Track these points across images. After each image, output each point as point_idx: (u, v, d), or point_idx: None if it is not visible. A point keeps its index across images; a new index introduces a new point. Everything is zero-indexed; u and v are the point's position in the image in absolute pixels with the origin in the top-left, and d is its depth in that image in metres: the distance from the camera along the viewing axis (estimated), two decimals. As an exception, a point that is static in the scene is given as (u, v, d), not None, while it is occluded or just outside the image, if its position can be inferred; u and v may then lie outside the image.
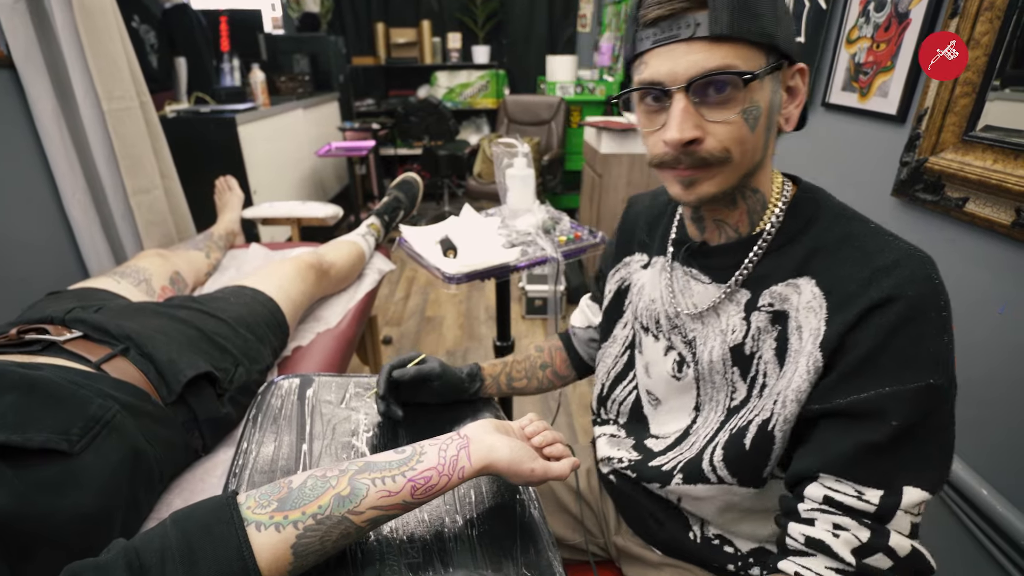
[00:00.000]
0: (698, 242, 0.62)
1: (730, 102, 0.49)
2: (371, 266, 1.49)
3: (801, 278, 0.54)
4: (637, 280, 0.72)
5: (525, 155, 1.29)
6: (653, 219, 0.72)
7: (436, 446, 0.57)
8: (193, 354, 0.80)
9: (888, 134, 1.22)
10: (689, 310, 0.63)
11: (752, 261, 0.57)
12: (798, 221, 0.56)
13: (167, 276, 1.15)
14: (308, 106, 3.27)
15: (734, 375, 0.59)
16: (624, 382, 0.75)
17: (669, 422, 0.68)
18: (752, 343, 0.57)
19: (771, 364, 0.56)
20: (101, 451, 0.62)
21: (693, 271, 0.63)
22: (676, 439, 0.67)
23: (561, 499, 0.84)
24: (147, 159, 1.54)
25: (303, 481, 0.52)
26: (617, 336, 0.75)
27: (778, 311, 0.55)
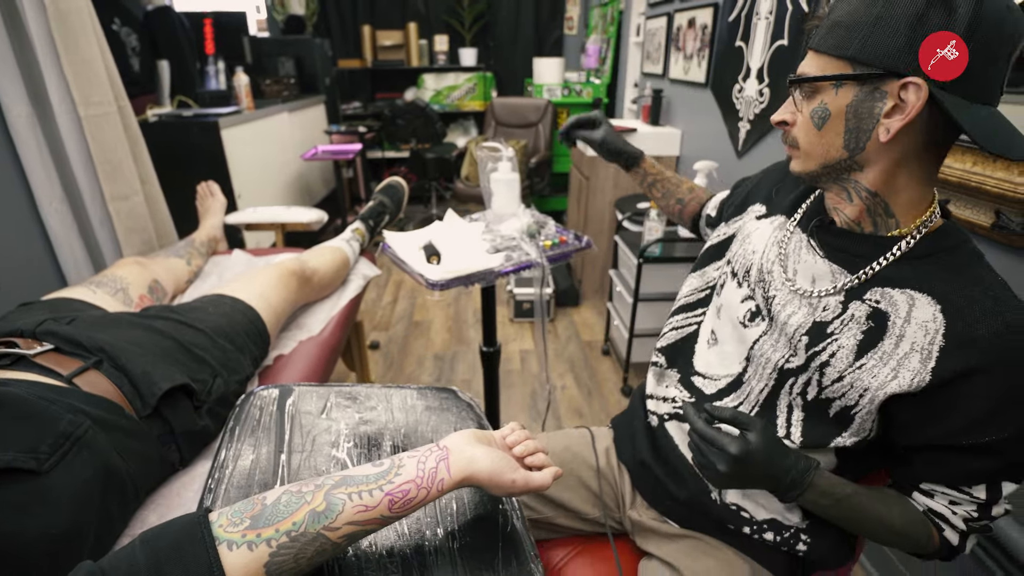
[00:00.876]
0: (828, 220, 0.66)
1: (810, 100, 0.59)
2: (356, 272, 1.48)
3: (921, 294, 0.57)
4: (748, 229, 0.77)
5: (510, 159, 1.28)
6: (787, 183, 0.77)
7: (415, 458, 0.57)
8: (169, 366, 0.79)
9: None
10: (789, 274, 0.67)
11: (885, 261, 0.60)
12: (933, 244, 0.59)
13: (145, 285, 1.13)
14: (293, 109, 3.24)
15: (801, 343, 0.64)
16: (687, 314, 0.83)
17: (718, 364, 0.74)
18: (838, 326, 0.61)
19: (846, 350, 0.60)
20: (71, 468, 0.61)
21: (812, 243, 0.66)
22: (729, 384, 0.73)
23: (581, 475, 0.89)
24: (126, 165, 1.52)
25: (277, 497, 0.51)
26: (707, 273, 0.82)
27: (881, 311, 0.59)
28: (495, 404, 1.40)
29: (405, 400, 0.83)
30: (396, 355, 2.33)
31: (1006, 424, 0.55)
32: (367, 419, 0.78)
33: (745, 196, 0.84)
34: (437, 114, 3.48)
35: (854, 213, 0.62)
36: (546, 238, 1.24)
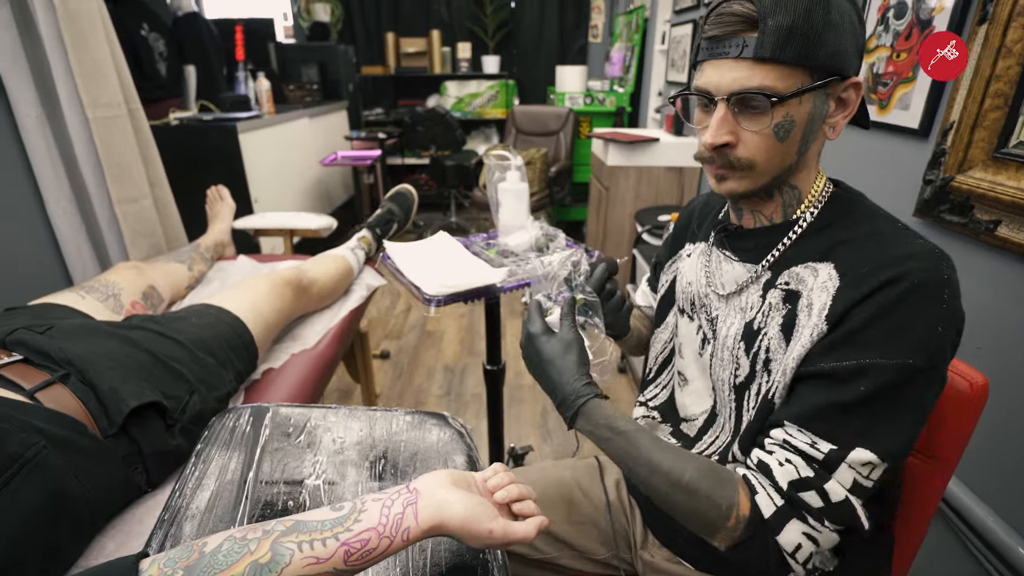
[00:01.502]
0: (734, 225, 0.67)
1: (763, 116, 0.55)
2: (359, 282, 1.43)
3: (822, 263, 0.57)
4: (681, 267, 0.78)
5: (519, 168, 1.22)
6: (706, 211, 0.78)
7: (380, 502, 0.50)
8: (140, 381, 0.74)
9: (910, 149, 1.13)
10: (718, 289, 0.68)
11: (783, 245, 0.61)
12: (831, 215, 0.60)
13: (140, 291, 1.10)
14: (315, 115, 3.24)
15: (739, 350, 0.63)
16: (669, 367, 0.80)
17: (695, 403, 0.72)
18: (761, 318, 0.61)
19: (775, 340, 0.59)
20: (17, 494, 0.56)
21: (726, 252, 0.67)
22: (705, 420, 0.70)
23: (589, 511, 0.83)
24: (135, 168, 1.50)
25: (218, 545, 0.45)
26: (668, 323, 0.80)
27: (792, 291, 0.59)
28: (499, 425, 1.33)
29: (390, 425, 0.78)
30: (406, 365, 2.28)
31: (868, 347, 0.51)
32: (345, 446, 0.72)
33: (672, 241, 0.83)
34: (457, 121, 3.46)
35: (770, 210, 0.63)
36: (554, 252, 1.17)
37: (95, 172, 1.44)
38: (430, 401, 2.04)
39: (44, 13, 1.27)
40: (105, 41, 1.39)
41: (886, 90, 1.22)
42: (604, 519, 0.81)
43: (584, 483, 0.85)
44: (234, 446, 0.70)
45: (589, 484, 0.85)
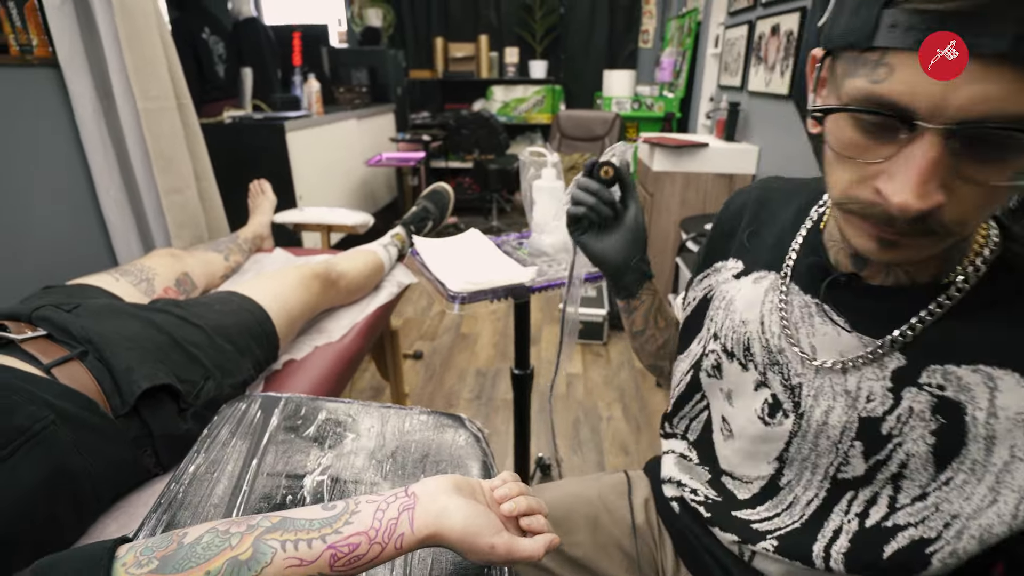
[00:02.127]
0: (846, 274, 0.48)
1: (1006, 162, 0.33)
2: (390, 278, 1.41)
3: (1005, 371, 0.40)
4: (725, 292, 0.60)
5: (555, 165, 1.17)
6: (767, 219, 0.58)
7: (374, 504, 0.46)
8: (156, 363, 0.73)
9: None
10: (805, 352, 0.50)
11: (925, 321, 0.43)
12: (1008, 279, 0.41)
13: (174, 277, 1.11)
14: (363, 117, 3.30)
15: (852, 449, 0.48)
16: (691, 403, 0.65)
17: (744, 464, 0.58)
18: (896, 425, 0.45)
19: (920, 461, 0.44)
20: (18, 467, 0.55)
21: (825, 307, 0.49)
22: (763, 489, 0.57)
23: (614, 533, 0.74)
24: (181, 160, 1.54)
25: (199, 536, 0.42)
26: (692, 351, 0.64)
27: (950, 400, 0.42)
28: (526, 431, 1.28)
29: (403, 424, 0.74)
30: (438, 367, 2.25)
31: None
32: (354, 443, 0.69)
33: (706, 250, 0.65)
34: (502, 125, 3.44)
35: (923, 267, 0.44)
36: (589, 253, 1.12)
37: (144, 163, 1.48)
38: (460, 404, 2.00)
39: (103, 9, 1.32)
40: (158, 37, 1.43)
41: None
42: (630, 543, 0.73)
43: (611, 502, 0.77)
44: (241, 434, 0.67)
45: (615, 502, 0.77)
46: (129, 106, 1.42)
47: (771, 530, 0.55)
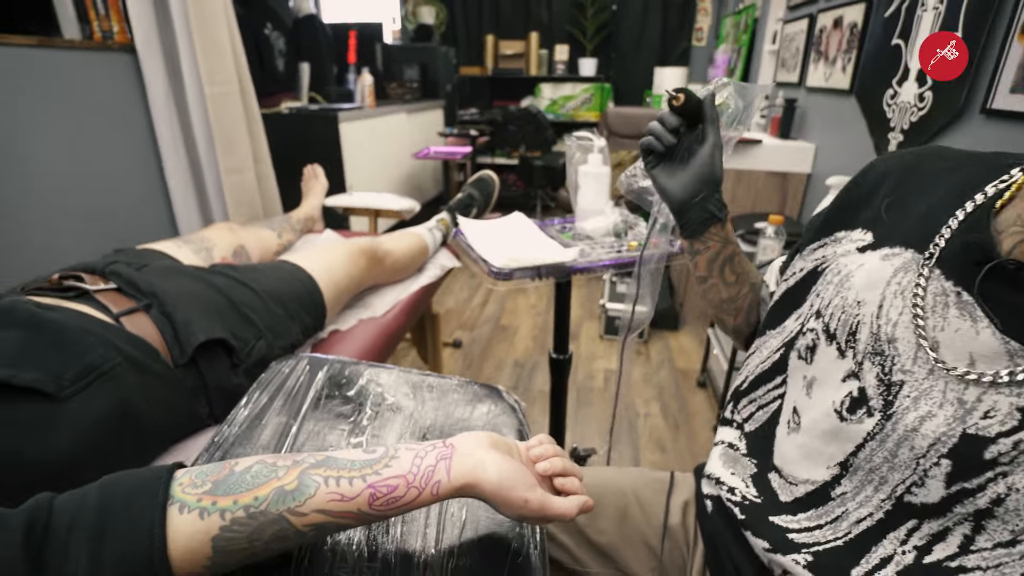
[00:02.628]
0: (1017, 262, 0.40)
1: None
2: (434, 261, 1.44)
3: None
4: (843, 266, 0.52)
5: (601, 150, 1.17)
6: (916, 190, 0.51)
7: (413, 452, 0.47)
8: (213, 320, 0.78)
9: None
10: (930, 347, 0.43)
11: None
12: None
13: (231, 249, 1.16)
14: (412, 111, 3.37)
15: (934, 468, 0.42)
16: (768, 385, 0.59)
17: (799, 461, 0.53)
18: (1009, 452, 0.38)
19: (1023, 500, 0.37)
20: (90, 400, 0.60)
21: (970, 299, 0.42)
22: (809, 495, 0.52)
23: (645, 530, 0.70)
24: (241, 141, 1.62)
25: (248, 466, 0.44)
26: (786, 328, 0.58)
27: None
28: (561, 417, 1.28)
29: (442, 391, 0.75)
30: (477, 356, 2.28)
31: None
32: (393, 406, 0.71)
33: (827, 216, 0.59)
34: (548, 121, 3.45)
35: None
36: (634, 239, 1.11)
37: (207, 143, 1.56)
38: (496, 393, 2.02)
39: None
40: (225, 24, 1.51)
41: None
42: (658, 541, 0.69)
43: (645, 497, 0.73)
44: (288, 389, 0.70)
45: (651, 499, 0.73)
46: (196, 89, 1.50)
47: (808, 543, 0.50)
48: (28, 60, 1.21)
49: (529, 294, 2.93)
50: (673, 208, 0.65)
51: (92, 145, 1.36)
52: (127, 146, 1.47)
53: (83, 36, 1.37)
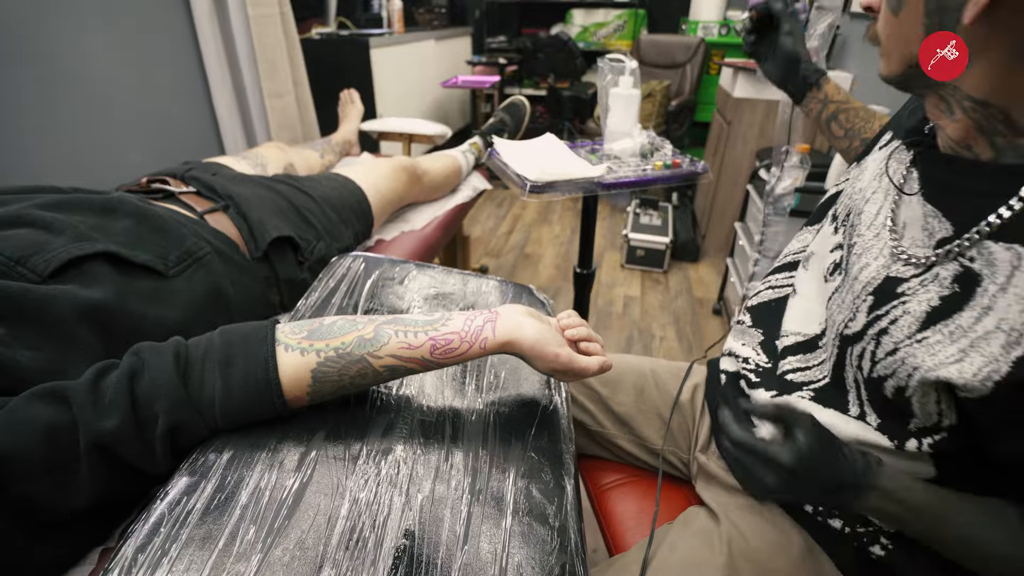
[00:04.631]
0: (930, 139, 0.52)
1: None
2: (467, 182, 1.52)
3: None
4: (866, 161, 0.63)
5: (632, 72, 1.20)
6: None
7: (465, 315, 0.58)
8: (281, 220, 0.88)
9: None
10: (878, 214, 0.54)
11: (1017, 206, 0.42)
12: None
13: (282, 166, 1.26)
14: (441, 38, 3.33)
15: (862, 304, 0.52)
16: (789, 272, 0.71)
17: (797, 320, 0.64)
18: (913, 286, 0.48)
19: (910, 318, 0.47)
20: (191, 280, 0.71)
21: (913, 172, 0.53)
22: (799, 343, 0.62)
23: (658, 404, 0.83)
24: (282, 66, 1.67)
25: (334, 320, 0.55)
26: (823, 227, 0.67)
27: (973, 272, 0.44)
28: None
29: (480, 285, 0.85)
30: (502, 282, 2.39)
31: None
32: (440, 292, 0.81)
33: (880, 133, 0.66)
34: (579, 49, 3.36)
35: (958, 133, 0.46)
36: (659, 159, 1.16)
37: (251, 67, 1.62)
38: (521, 315, 2.14)
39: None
40: (265, -58, 1.53)
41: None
42: (669, 413, 0.82)
43: (662, 378, 0.86)
44: (348, 281, 0.81)
45: (666, 380, 0.86)
46: (240, 12, 1.55)
47: (804, 382, 0.60)
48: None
49: (553, 224, 3.00)
50: (775, 83, 0.83)
51: (141, 63, 1.44)
52: (175, 66, 1.54)
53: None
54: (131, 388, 0.47)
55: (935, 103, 0.48)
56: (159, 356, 0.49)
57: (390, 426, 0.56)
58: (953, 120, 0.47)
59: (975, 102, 0.44)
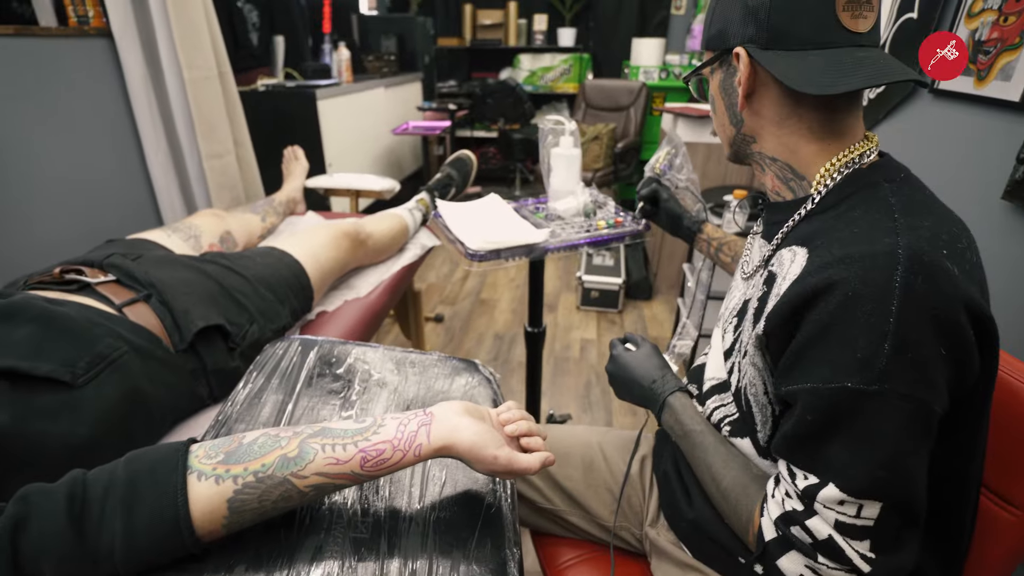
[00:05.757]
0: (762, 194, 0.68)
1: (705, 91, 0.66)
2: (415, 241, 1.50)
3: (802, 247, 0.53)
4: None
5: (572, 133, 1.23)
6: None
7: (398, 420, 0.55)
8: (209, 307, 0.84)
9: (1006, 125, 1.03)
10: (745, 266, 0.68)
11: (791, 223, 0.58)
12: (837, 194, 0.55)
13: (217, 235, 1.21)
14: (390, 85, 3.35)
15: (730, 325, 0.64)
16: None
17: (713, 366, 0.71)
18: (754, 301, 0.59)
19: (749, 323, 0.58)
20: (102, 387, 0.66)
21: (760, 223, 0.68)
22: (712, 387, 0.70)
23: (607, 479, 0.84)
24: (222, 126, 1.64)
25: (255, 438, 0.52)
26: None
27: (772, 272, 0.56)
28: (537, 387, 1.37)
29: (422, 366, 0.83)
30: (458, 330, 2.36)
31: (809, 371, 0.48)
32: (379, 380, 0.78)
33: None
34: (527, 94, 3.45)
35: (771, 183, 0.62)
36: (601, 218, 1.18)
37: (188, 129, 1.58)
38: (479, 365, 2.11)
39: (150, -21, 1.40)
40: (202, 7, 1.51)
41: (987, 59, 1.11)
42: (618, 489, 0.82)
43: (609, 451, 0.87)
44: (281, 371, 0.77)
45: (614, 453, 0.86)
46: (175, 75, 1.51)
47: (723, 417, 0.65)
48: (5, 50, 1.22)
49: (508, 269, 3.00)
50: (670, 233, 1.04)
51: (72, 134, 1.38)
52: (107, 134, 1.49)
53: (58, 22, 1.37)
54: (13, 543, 0.42)
55: (755, 166, 0.63)
56: (49, 500, 0.44)
57: (319, 549, 0.52)
58: (765, 176, 0.62)
59: (771, 159, 0.60)
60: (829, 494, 0.47)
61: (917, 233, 0.47)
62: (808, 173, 0.57)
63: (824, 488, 0.48)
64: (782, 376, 0.52)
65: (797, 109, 0.55)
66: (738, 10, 0.55)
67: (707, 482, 0.63)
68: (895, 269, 0.45)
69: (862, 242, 0.48)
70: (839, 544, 0.48)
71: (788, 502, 0.51)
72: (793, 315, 0.49)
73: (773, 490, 0.53)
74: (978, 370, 0.47)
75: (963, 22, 1.20)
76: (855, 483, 0.46)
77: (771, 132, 0.58)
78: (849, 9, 0.51)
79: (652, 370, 0.73)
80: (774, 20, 0.52)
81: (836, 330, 0.46)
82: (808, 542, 0.50)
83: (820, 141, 0.56)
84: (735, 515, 0.59)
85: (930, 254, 0.45)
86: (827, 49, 0.52)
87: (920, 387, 0.45)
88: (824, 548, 0.49)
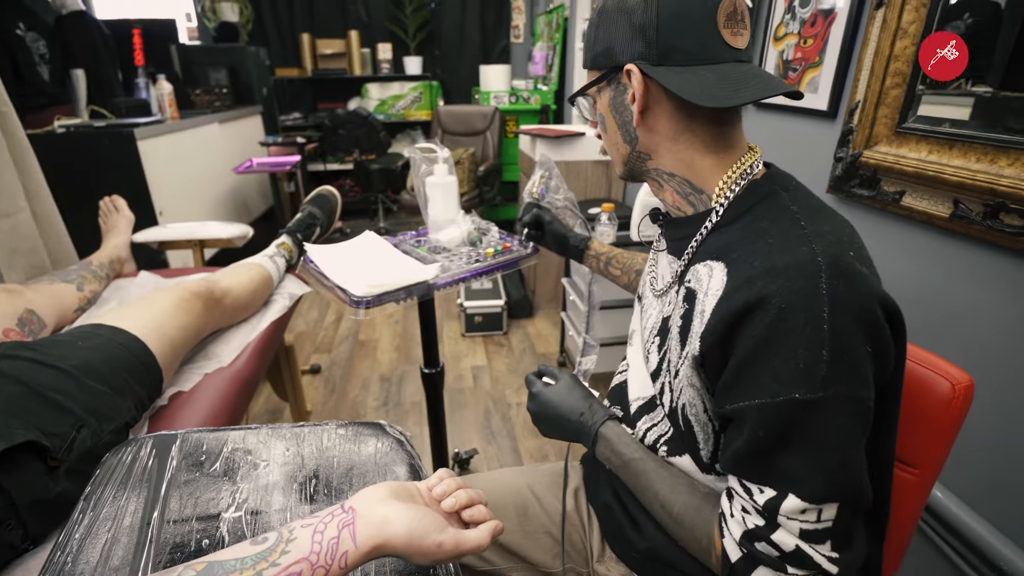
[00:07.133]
0: (663, 211, 0.66)
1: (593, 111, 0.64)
2: (281, 291, 1.33)
3: (717, 262, 0.54)
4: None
5: (446, 161, 1.17)
6: None
7: (311, 527, 0.44)
8: (9, 419, 0.63)
9: (821, 130, 1.19)
10: (655, 284, 0.67)
11: (699, 238, 0.58)
12: (739, 207, 0.56)
13: (14, 317, 0.95)
14: (225, 120, 3.03)
15: (653, 345, 0.63)
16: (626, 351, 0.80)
17: (636, 386, 0.69)
18: (674, 317, 0.59)
19: (675, 341, 0.57)
20: None
21: (662, 241, 0.67)
22: (640, 407, 0.67)
23: (544, 520, 0.79)
24: (8, 178, 1.32)
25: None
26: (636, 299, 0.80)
27: (691, 289, 0.56)
28: (441, 431, 1.28)
29: (320, 441, 0.70)
30: (339, 379, 2.16)
31: (751, 388, 0.47)
32: (269, 470, 0.64)
33: None
34: (381, 123, 3.35)
35: (671, 199, 0.62)
36: (488, 246, 1.13)
37: (-44, 184, 1.25)
38: (367, 413, 1.94)
39: None
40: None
41: (796, 75, 1.28)
42: (558, 530, 0.77)
43: (540, 491, 0.81)
44: (133, 484, 0.60)
45: (546, 492, 0.81)
46: (-73, 118, 1.18)
47: (657, 438, 0.63)
48: None
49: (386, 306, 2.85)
50: (558, 254, 1.04)
51: None
52: None
53: None
54: None
55: (652, 183, 0.63)
56: None
57: None
58: (664, 192, 0.62)
59: (669, 175, 0.60)
60: (790, 505, 0.47)
61: (826, 239, 0.48)
62: (707, 187, 0.57)
63: (784, 500, 0.47)
64: (723, 394, 0.50)
65: (691, 124, 0.56)
66: (624, 28, 0.54)
67: (656, 510, 0.60)
68: (819, 276, 0.45)
69: (782, 252, 0.48)
70: (807, 552, 0.48)
71: (748, 519, 0.50)
72: (728, 332, 0.49)
73: (730, 508, 0.52)
74: (894, 360, 0.50)
75: (771, 44, 1.38)
76: (814, 490, 0.46)
77: (667, 148, 0.58)
78: (728, 27, 0.53)
79: (577, 402, 0.68)
80: (663, 37, 0.52)
81: (775, 343, 0.46)
82: (775, 555, 0.48)
83: (714, 154, 0.57)
84: (693, 539, 0.57)
85: (843, 258, 0.47)
86: (715, 64, 0.53)
87: (858, 386, 0.46)
88: (792, 559, 0.48)
